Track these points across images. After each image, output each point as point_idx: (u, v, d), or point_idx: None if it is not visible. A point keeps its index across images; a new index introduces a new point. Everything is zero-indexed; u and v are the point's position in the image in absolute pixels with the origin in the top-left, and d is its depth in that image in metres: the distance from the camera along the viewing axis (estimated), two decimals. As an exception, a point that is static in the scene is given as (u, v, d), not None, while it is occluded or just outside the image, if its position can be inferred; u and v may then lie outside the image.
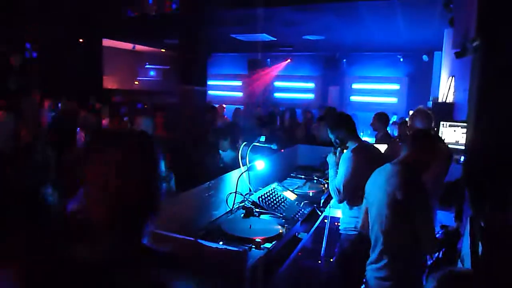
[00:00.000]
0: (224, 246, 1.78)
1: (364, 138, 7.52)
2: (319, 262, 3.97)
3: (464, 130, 4.04)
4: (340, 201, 3.03)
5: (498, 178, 2.24)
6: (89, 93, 9.08)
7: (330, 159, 3.15)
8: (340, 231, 3.17)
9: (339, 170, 3.02)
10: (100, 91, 10.77)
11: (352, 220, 3.02)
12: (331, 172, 3.13)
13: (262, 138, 3.20)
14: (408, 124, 3.54)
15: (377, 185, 2.34)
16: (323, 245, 3.96)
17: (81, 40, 10.20)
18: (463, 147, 3.69)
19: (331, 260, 3.65)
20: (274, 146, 3.19)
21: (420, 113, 3.31)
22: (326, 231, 3.90)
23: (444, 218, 3.63)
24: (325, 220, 3.71)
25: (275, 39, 10.40)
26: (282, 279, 2.25)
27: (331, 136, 3.14)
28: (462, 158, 3.73)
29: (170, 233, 1.71)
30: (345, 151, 3.08)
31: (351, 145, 3.07)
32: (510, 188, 2.11)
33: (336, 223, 3.52)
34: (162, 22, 8.22)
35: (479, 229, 1.74)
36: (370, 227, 2.41)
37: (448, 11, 6.26)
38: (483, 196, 2.13)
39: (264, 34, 9.89)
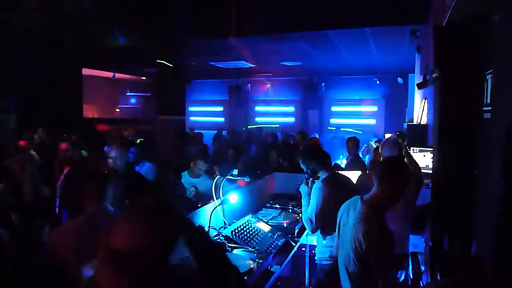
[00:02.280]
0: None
1: (344, 160, 7.70)
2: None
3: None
4: (313, 231, 3.06)
5: (457, 204, 2.32)
6: (69, 123, 9.02)
7: (303, 189, 3.18)
8: (316, 261, 3.17)
9: (311, 200, 3.04)
10: (80, 121, 10.73)
11: (326, 250, 3.03)
12: (304, 202, 3.16)
13: (235, 171, 3.24)
14: (379, 151, 3.64)
15: (348, 224, 2.34)
16: (306, 275, 3.93)
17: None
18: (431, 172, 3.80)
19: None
20: (247, 179, 3.24)
21: (388, 142, 3.41)
22: (306, 260, 3.89)
23: (417, 241, 3.70)
24: (303, 249, 3.72)
25: (254, 65, 10.61)
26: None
27: (303, 167, 3.17)
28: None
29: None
30: (316, 181, 3.13)
31: (322, 175, 3.13)
32: (470, 215, 2.18)
33: (313, 251, 3.54)
34: (139, 53, 8.32)
35: (438, 257, 1.80)
36: (339, 262, 2.38)
37: (415, 37, 6.54)
38: (443, 222, 2.20)
39: (243, 61, 10.08)
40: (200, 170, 4.48)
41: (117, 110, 14.39)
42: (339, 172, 3.35)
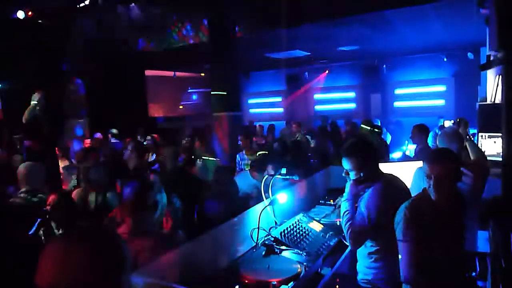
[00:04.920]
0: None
1: (410, 146, 7.26)
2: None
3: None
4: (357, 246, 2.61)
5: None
6: (137, 123, 9.53)
7: (348, 187, 2.72)
8: (358, 282, 2.71)
9: (359, 209, 2.57)
10: (147, 120, 11.32)
11: (369, 271, 2.63)
12: (345, 205, 2.68)
13: (283, 170, 3.18)
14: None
15: None
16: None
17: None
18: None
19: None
20: (295, 177, 3.17)
21: (446, 135, 3.13)
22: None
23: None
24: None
25: (310, 53, 10.38)
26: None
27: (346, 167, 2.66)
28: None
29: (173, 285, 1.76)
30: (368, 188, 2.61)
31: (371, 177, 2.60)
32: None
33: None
34: (195, 51, 8.51)
35: (498, 269, 1.61)
36: None
37: (483, 7, 5.91)
38: (508, 228, 1.96)
39: (298, 50, 9.91)
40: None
41: (181, 107, 14.93)
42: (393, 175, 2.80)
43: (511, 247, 1.83)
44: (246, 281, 2.18)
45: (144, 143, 7.15)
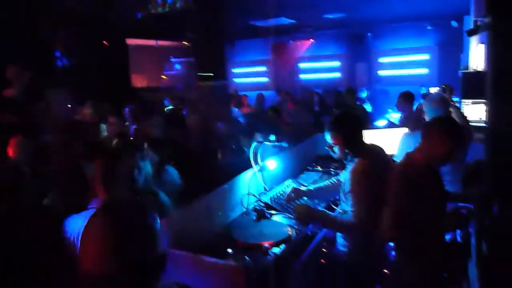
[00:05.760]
0: (224, 261, 1.84)
1: (393, 115, 7.37)
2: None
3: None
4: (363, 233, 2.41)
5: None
6: (120, 94, 9.32)
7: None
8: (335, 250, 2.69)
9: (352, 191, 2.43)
10: (130, 91, 11.07)
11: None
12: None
13: (272, 137, 3.20)
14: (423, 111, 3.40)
15: None
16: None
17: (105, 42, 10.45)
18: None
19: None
20: (284, 144, 3.19)
21: (433, 100, 3.18)
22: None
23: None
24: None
25: (295, 21, 10.23)
26: (295, 279, 2.28)
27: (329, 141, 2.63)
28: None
29: (173, 249, 1.79)
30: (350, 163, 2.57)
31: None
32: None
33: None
34: (178, 18, 8.27)
35: (483, 227, 1.69)
36: None
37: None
38: (493, 189, 2.04)
39: (283, 18, 9.75)
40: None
41: (163, 77, 14.64)
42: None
43: (493, 206, 1.91)
44: (239, 245, 2.23)
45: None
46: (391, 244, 2.36)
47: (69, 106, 7.64)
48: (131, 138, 4.72)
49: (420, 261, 2.16)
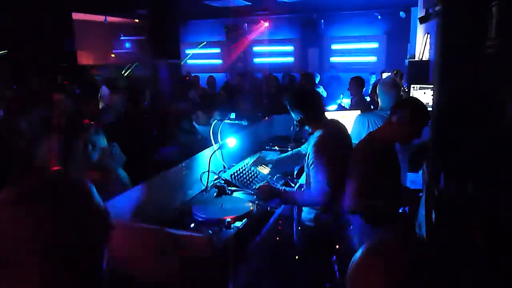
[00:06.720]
0: (189, 233, 1.84)
1: (344, 100, 7.62)
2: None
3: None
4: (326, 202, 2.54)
5: (456, 145, 2.30)
6: (63, 71, 8.86)
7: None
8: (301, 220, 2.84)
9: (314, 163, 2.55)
10: (75, 68, 10.51)
11: (312, 210, 2.75)
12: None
13: (233, 115, 3.21)
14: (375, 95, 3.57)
15: None
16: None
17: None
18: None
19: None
20: (244, 123, 3.21)
21: (386, 84, 3.33)
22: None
23: (415, 178, 3.76)
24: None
25: (250, 3, 10.17)
26: (255, 255, 2.34)
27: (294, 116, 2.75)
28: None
29: (136, 223, 1.76)
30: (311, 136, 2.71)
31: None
32: (469, 158, 2.17)
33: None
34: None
35: (432, 198, 1.82)
36: None
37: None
38: (440, 163, 2.20)
39: (238, -1, 9.67)
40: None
41: (112, 55, 14.03)
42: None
43: (441, 180, 2.07)
44: (201, 220, 2.24)
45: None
46: (349, 215, 2.48)
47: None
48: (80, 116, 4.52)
49: (374, 231, 2.31)
